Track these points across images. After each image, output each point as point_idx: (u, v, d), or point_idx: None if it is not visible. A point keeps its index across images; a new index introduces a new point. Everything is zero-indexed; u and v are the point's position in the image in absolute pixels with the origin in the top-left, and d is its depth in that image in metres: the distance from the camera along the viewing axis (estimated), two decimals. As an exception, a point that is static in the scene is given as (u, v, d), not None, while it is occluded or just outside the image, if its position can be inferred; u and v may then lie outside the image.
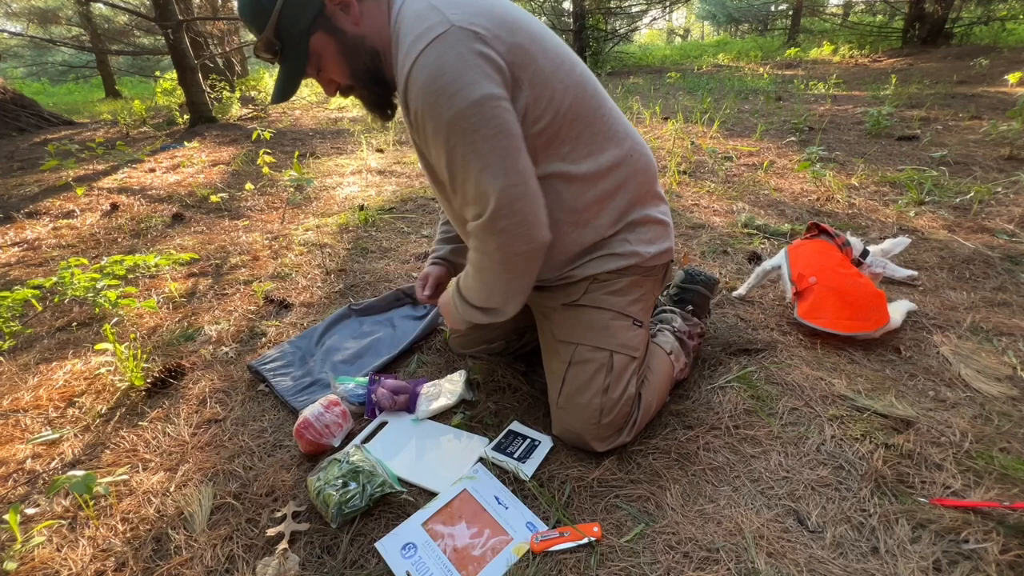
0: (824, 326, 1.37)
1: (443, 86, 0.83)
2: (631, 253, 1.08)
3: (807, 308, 1.41)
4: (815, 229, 1.58)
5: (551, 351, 1.14)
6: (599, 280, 1.09)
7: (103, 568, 0.92)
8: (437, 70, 0.83)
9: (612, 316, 1.09)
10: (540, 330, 1.20)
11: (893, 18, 9.27)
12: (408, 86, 0.87)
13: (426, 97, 0.84)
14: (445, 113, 0.84)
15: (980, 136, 3.18)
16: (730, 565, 0.86)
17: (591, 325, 1.08)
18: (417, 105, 0.87)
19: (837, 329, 1.36)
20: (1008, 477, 0.98)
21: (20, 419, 1.31)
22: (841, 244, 1.51)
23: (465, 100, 0.83)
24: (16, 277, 2.11)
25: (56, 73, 14.46)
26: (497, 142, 0.86)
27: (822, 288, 1.40)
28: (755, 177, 2.82)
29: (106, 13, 9.98)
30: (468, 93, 0.83)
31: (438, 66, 0.83)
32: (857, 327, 1.35)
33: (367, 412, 1.25)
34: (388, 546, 0.92)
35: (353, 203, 2.86)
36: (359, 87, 1.00)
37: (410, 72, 0.85)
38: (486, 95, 0.84)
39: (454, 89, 0.82)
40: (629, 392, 1.05)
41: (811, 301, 1.41)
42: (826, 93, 5.10)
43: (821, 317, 1.38)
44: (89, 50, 9.60)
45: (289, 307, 1.77)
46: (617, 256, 1.08)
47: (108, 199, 3.04)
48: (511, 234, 0.90)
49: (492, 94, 0.84)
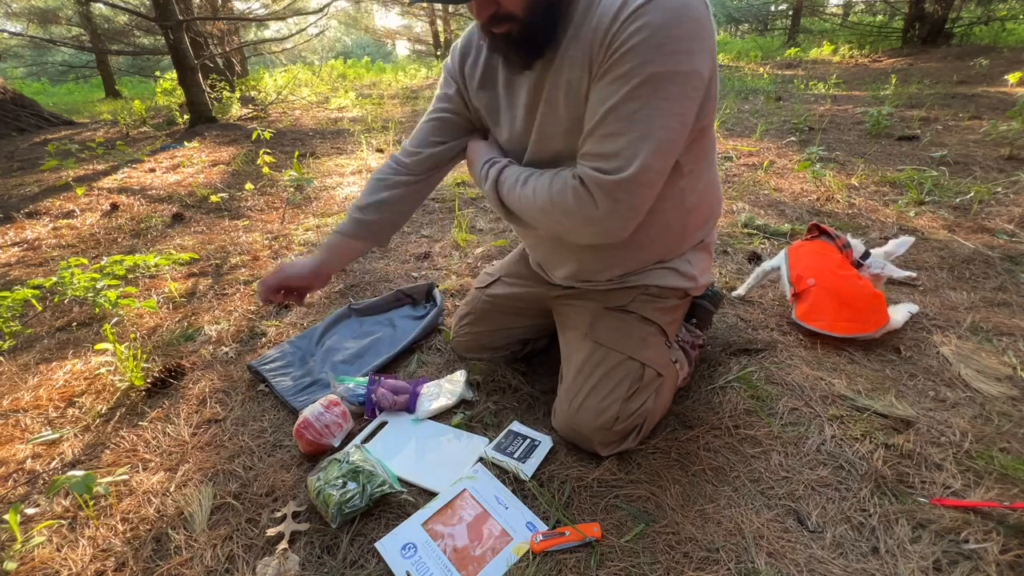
0: (822, 328, 1.37)
1: (673, 38, 0.76)
2: (690, 276, 1.12)
3: (805, 310, 1.41)
4: (816, 230, 1.58)
5: (579, 349, 1.12)
6: (650, 292, 1.11)
7: (103, 568, 0.92)
8: (676, 18, 0.76)
9: (654, 331, 1.11)
10: (566, 327, 1.19)
11: (893, 18, 9.27)
12: (634, 14, 0.77)
13: (649, 37, 0.76)
14: (656, 64, 0.77)
15: (980, 136, 3.18)
16: (730, 565, 0.86)
17: (631, 334, 1.08)
18: (632, 38, 0.77)
19: (835, 331, 1.36)
20: (1008, 477, 0.98)
21: (20, 419, 1.31)
22: (842, 245, 1.51)
23: (682, 64, 0.77)
24: (16, 277, 2.11)
25: (56, 73, 14.46)
26: (673, 121, 0.81)
27: (820, 290, 1.40)
28: (755, 177, 2.82)
29: (106, 13, 9.98)
30: (690, 59, 0.78)
31: (679, 15, 0.76)
32: (855, 329, 1.35)
33: (367, 412, 1.25)
34: (388, 546, 0.92)
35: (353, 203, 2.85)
36: (525, 19, 0.84)
37: (647, 2, 0.76)
38: (697, 71, 0.79)
39: (680, 48, 0.77)
40: (647, 406, 1.06)
41: (809, 303, 1.41)
42: (826, 93, 5.10)
43: (819, 319, 1.38)
44: (89, 50, 9.60)
45: (289, 307, 1.77)
46: (678, 274, 1.11)
47: (108, 199, 3.05)
48: (617, 212, 0.85)
49: (701, 74, 0.80)
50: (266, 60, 13.30)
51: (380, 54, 21.21)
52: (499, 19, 0.84)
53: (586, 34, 0.84)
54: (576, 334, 1.14)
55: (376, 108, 6.41)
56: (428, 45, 15.21)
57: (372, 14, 15.27)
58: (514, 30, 0.85)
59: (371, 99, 7.11)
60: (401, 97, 7.27)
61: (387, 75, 10.21)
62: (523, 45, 0.88)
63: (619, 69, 0.79)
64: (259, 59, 12.94)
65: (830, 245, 1.52)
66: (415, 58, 15.52)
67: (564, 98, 0.90)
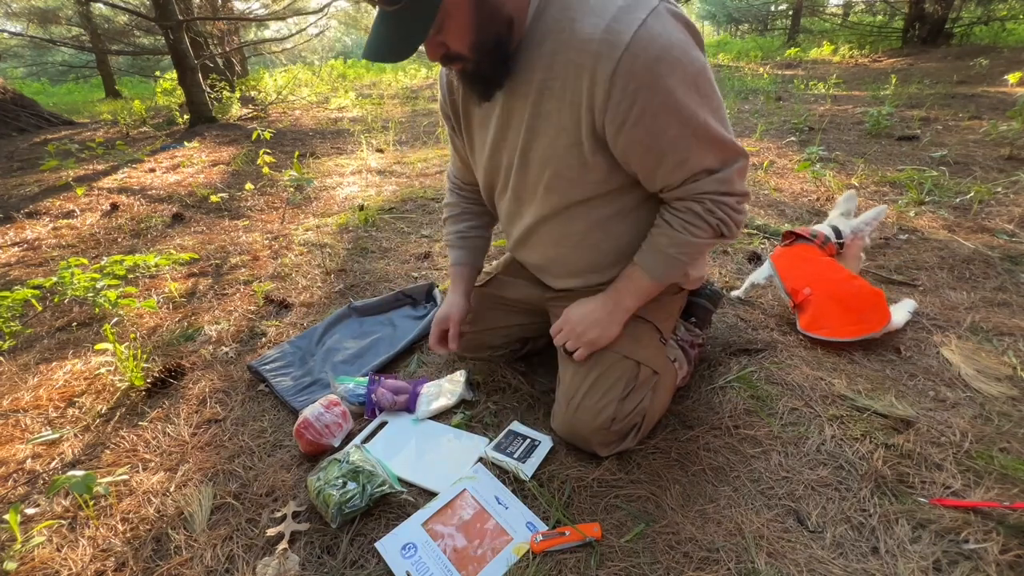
0: (828, 336, 1.37)
1: (672, 64, 0.81)
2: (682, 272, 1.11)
3: (809, 320, 1.40)
4: (791, 236, 1.59)
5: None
6: None
7: (103, 568, 0.92)
8: (661, 49, 0.79)
9: (648, 328, 1.11)
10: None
11: (893, 18, 9.26)
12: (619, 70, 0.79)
13: (653, 81, 0.80)
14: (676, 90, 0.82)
15: (980, 136, 3.18)
16: (730, 565, 0.86)
17: (625, 333, 1.08)
18: (639, 95, 0.81)
19: (842, 336, 1.36)
20: (1008, 477, 0.98)
21: (20, 419, 1.31)
22: (820, 243, 1.51)
23: (691, 74, 0.83)
24: (16, 277, 2.11)
25: (56, 73, 14.45)
26: (720, 106, 0.89)
27: (820, 298, 1.40)
28: (755, 177, 2.82)
29: (106, 13, 9.97)
30: (692, 65, 0.83)
31: (661, 45, 0.79)
32: (861, 330, 1.34)
33: (367, 412, 1.25)
34: (388, 546, 0.92)
35: (353, 203, 2.86)
36: (474, 59, 0.87)
37: (626, 50, 0.78)
38: (704, 65, 0.85)
39: (681, 65, 0.81)
40: (643, 404, 1.06)
41: (811, 313, 1.40)
42: (826, 93, 5.10)
43: (824, 327, 1.37)
44: (89, 50, 9.60)
45: (289, 307, 1.78)
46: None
47: (108, 199, 3.05)
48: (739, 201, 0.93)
49: (706, 64, 0.86)
50: (266, 60, 13.29)
51: (380, 54, 21.14)
52: (450, 59, 0.87)
53: (564, 67, 0.85)
54: None
55: (376, 108, 6.41)
56: (428, 45, 15.20)
57: (372, 14, 15.27)
58: (468, 67, 0.89)
59: (371, 99, 7.11)
60: (401, 97, 7.27)
61: (387, 75, 10.21)
62: (479, 79, 0.92)
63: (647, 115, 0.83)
64: (259, 59, 12.92)
65: (810, 247, 1.51)
66: (415, 58, 15.52)
67: (548, 127, 0.92)
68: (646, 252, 1.00)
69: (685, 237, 0.94)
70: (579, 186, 0.97)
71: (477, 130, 1.07)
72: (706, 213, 0.92)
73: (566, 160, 0.93)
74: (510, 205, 1.09)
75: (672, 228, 0.95)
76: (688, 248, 0.96)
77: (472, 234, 1.27)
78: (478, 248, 1.28)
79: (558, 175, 0.96)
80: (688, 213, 0.93)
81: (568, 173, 0.95)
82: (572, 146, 0.91)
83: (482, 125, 1.04)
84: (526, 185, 1.02)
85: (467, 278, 1.26)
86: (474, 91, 0.95)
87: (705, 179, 0.90)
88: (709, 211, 0.92)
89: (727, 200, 0.91)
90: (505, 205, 1.10)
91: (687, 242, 0.95)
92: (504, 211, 1.12)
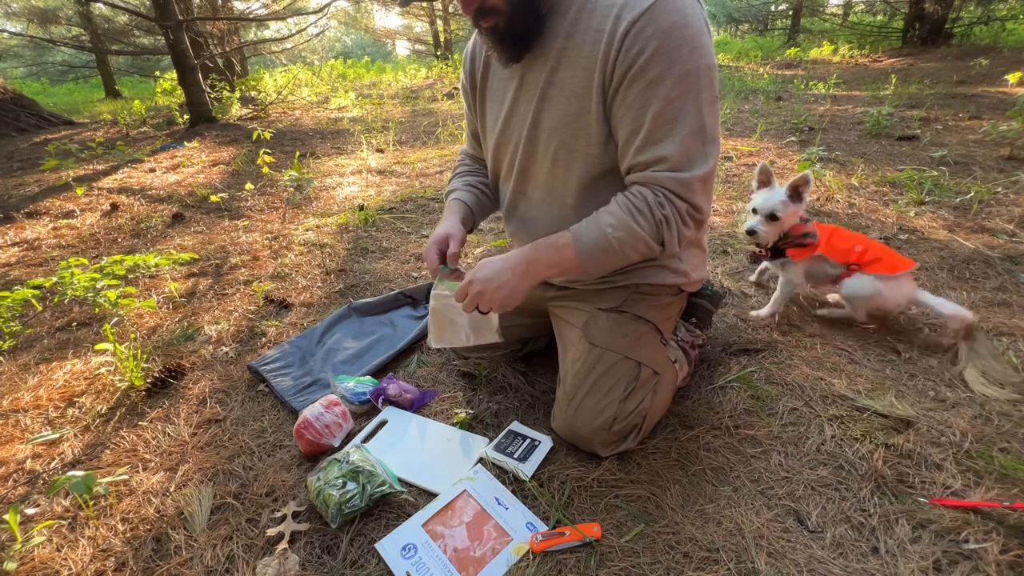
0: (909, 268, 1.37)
1: (687, 37, 0.83)
2: (681, 271, 1.12)
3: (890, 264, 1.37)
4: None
5: (575, 351, 1.11)
6: (641, 291, 1.11)
7: (103, 568, 0.92)
8: (683, 19, 0.83)
9: (649, 329, 1.11)
10: (561, 329, 1.19)
11: (893, 18, 9.26)
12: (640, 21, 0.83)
13: (666, 40, 0.83)
14: (682, 64, 0.84)
15: (980, 136, 3.18)
16: (730, 565, 0.86)
17: (625, 333, 1.08)
18: (650, 44, 0.83)
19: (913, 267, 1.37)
20: (1008, 477, 0.98)
21: (20, 419, 1.31)
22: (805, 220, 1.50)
23: (703, 60, 0.85)
24: (16, 277, 2.11)
25: (56, 73, 14.45)
26: (714, 109, 0.90)
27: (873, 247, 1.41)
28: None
29: (106, 13, 9.97)
30: (705, 54, 0.85)
31: (683, 16, 0.83)
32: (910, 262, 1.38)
33: (371, 395, 1.26)
34: (388, 547, 0.92)
35: (353, 203, 2.86)
36: (508, 12, 0.90)
37: (649, 8, 0.83)
38: (714, 65, 0.88)
39: (696, 44, 0.84)
40: (644, 405, 1.06)
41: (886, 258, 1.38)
42: (826, 93, 5.10)
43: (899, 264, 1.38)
44: (89, 50, 9.61)
45: (289, 307, 1.78)
46: (668, 271, 1.12)
47: (108, 199, 3.05)
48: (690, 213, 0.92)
49: (716, 66, 0.89)
50: (266, 60, 13.28)
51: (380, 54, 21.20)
52: (484, 12, 0.90)
53: (584, 33, 0.90)
54: (571, 336, 1.14)
55: (376, 108, 6.41)
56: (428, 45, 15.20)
57: (372, 14, 15.25)
58: (500, 23, 0.91)
59: (371, 99, 7.11)
60: (401, 97, 7.27)
61: (387, 75, 10.21)
62: (509, 37, 0.94)
63: (649, 74, 0.85)
64: (259, 59, 12.92)
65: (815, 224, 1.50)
66: (415, 58, 15.51)
67: (560, 95, 0.96)
68: (585, 224, 0.96)
69: (627, 220, 0.92)
70: (583, 161, 0.98)
71: (492, 105, 1.09)
72: (655, 205, 0.90)
73: (572, 130, 0.96)
74: (516, 183, 1.11)
75: (619, 208, 0.93)
76: (625, 234, 0.92)
77: (478, 186, 1.24)
78: (479, 199, 1.23)
79: (564, 146, 0.98)
80: (639, 199, 0.92)
81: (574, 144, 0.98)
82: (580, 115, 0.94)
83: (497, 100, 1.08)
84: (534, 158, 1.05)
85: (464, 212, 1.19)
86: (503, 51, 0.96)
87: (666, 173, 0.89)
88: (659, 204, 0.90)
89: (679, 204, 0.91)
90: (511, 185, 1.12)
91: (627, 226, 0.91)
92: (509, 192, 1.14)
